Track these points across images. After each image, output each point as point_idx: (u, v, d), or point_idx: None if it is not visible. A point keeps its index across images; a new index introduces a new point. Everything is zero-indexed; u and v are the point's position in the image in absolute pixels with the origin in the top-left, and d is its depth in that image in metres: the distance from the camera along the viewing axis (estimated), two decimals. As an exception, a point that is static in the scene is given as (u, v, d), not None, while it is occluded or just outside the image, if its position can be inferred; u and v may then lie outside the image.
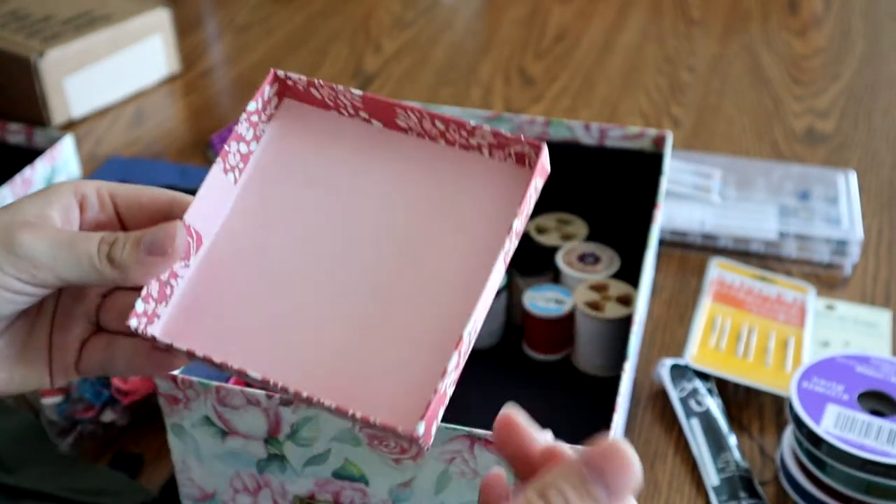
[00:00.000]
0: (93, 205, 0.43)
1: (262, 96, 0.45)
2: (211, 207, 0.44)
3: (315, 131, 0.45)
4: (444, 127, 0.43)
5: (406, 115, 0.43)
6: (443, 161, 0.43)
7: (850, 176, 1.05)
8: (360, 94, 0.44)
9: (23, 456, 0.73)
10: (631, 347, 0.64)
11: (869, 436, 0.65)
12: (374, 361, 0.39)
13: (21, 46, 1.16)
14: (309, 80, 0.45)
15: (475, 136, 0.42)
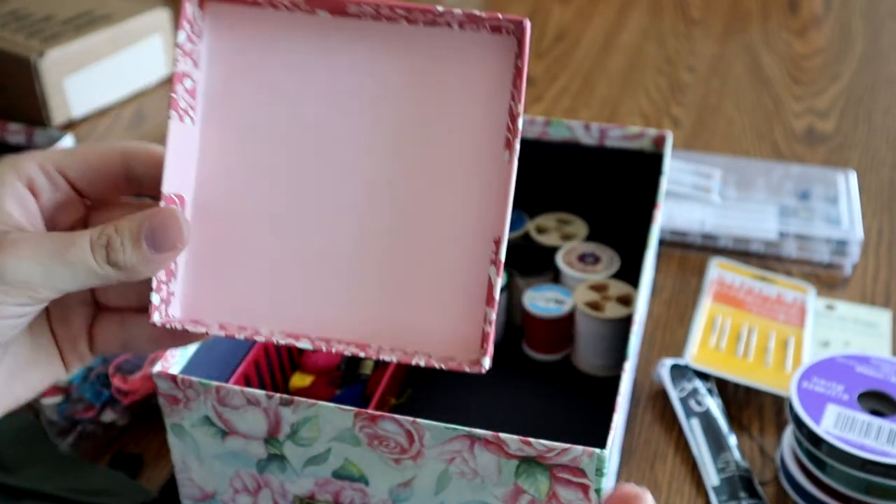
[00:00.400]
0: (43, 185, 0.39)
1: (185, 19, 0.39)
2: (181, 163, 0.39)
3: (255, 35, 0.39)
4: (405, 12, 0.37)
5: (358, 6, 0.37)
6: (409, 43, 0.37)
7: (850, 176, 1.05)
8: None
9: (23, 456, 0.73)
10: (631, 347, 0.64)
11: (869, 436, 0.65)
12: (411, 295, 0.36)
13: (21, 46, 1.16)
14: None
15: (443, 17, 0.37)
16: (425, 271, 0.36)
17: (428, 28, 0.37)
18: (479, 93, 0.36)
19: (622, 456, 0.74)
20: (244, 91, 0.39)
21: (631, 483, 0.37)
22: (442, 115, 0.37)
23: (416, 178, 0.37)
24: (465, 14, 0.36)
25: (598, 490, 0.55)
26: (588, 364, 0.81)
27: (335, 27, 0.38)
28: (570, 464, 0.54)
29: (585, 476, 0.55)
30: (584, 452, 0.54)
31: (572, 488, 0.56)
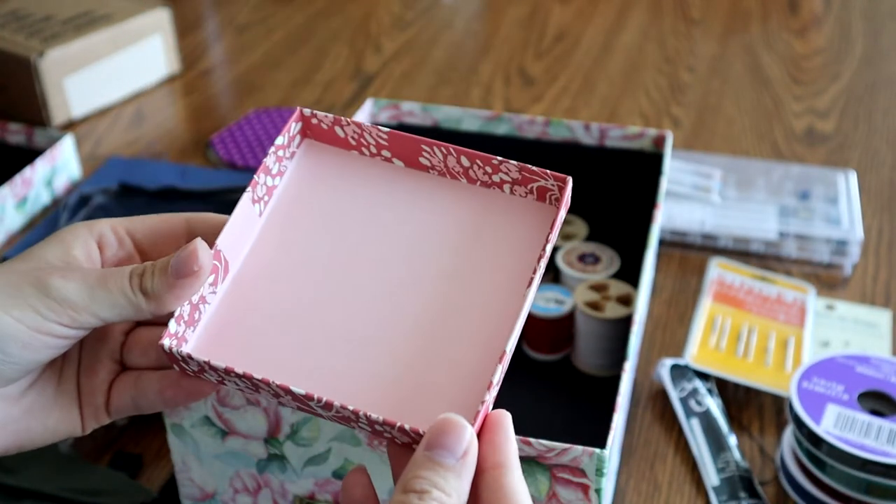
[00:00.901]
0: (111, 243, 0.44)
1: (287, 133, 0.46)
2: (238, 235, 0.44)
3: (334, 171, 0.45)
4: (468, 163, 0.43)
5: (430, 153, 0.44)
6: (464, 200, 0.44)
7: (850, 176, 1.05)
8: (386, 132, 0.44)
9: (23, 456, 0.73)
10: (631, 347, 0.64)
11: (869, 436, 0.65)
12: (417, 382, 0.40)
13: (21, 46, 1.16)
14: (335, 118, 0.45)
15: (499, 173, 0.43)
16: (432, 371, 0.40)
17: (483, 188, 0.44)
18: (517, 244, 0.42)
19: (622, 456, 0.74)
20: (310, 211, 0.45)
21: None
22: (481, 258, 0.42)
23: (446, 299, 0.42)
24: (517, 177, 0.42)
25: (598, 490, 0.55)
26: (588, 364, 0.81)
27: (406, 176, 0.44)
28: (570, 464, 0.54)
29: (585, 476, 0.55)
30: (584, 452, 0.54)
31: (572, 488, 0.56)
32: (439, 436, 0.36)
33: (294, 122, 0.46)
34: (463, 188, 0.44)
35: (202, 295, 0.42)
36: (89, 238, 0.43)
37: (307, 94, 1.28)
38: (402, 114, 0.90)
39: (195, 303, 0.42)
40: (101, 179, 1.07)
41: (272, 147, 0.45)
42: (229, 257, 0.44)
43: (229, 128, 1.18)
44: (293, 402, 0.39)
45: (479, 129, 0.89)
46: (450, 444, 0.36)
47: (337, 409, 0.38)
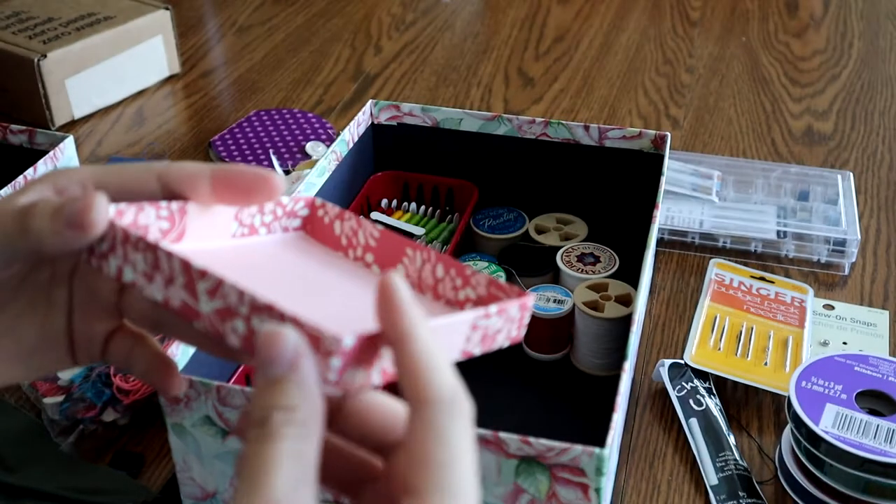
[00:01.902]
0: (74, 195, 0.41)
1: (293, 203, 0.47)
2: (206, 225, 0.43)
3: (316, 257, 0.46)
4: (442, 275, 0.43)
5: (412, 257, 0.44)
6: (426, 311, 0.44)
7: (848, 176, 1.05)
8: (380, 230, 0.45)
9: (24, 455, 0.73)
10: (630, 347, 0.64)
11: (867, 435, 0.66)
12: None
13: (23, 48, 1.16)
14: (340, 211, 0.46)
15: (467, 287, 0.43)
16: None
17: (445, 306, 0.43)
18: None
19: (621, 455, 0.75)
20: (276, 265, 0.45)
21: None
22: None
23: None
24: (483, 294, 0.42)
25: (597, 489, 0.56)
26: (587, 364, 0.81)
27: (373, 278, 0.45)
28: (570, 463, 0.55)
29: (585, 475, 0.55)
30: (583, 452, 0.54)
31: (572, 488, 0.56)
32: (261, 350, 0.33)
33: (304, 202, 0.47)
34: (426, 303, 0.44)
35: (148, 224, 0.41)
36: (45, 189, 0.40)
37: (308, 95, 1.28)
38: (403, 115, 0.91)
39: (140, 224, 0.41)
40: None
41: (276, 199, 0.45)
42: (188, 230, 0.43)
43: (230, 129, 1.18)
44: (181, 292, 0.38)
45: (479, 130, 0.89)
46: (273, 355, 0.33)
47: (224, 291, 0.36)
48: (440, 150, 0.92)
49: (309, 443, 0.33)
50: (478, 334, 0.39)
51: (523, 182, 0.91)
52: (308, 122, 1.20)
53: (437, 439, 0.33)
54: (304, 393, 0.33)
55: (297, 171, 1.05)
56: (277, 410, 0.32)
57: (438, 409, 0.33)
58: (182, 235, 0.43)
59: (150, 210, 0.41)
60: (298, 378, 0.33)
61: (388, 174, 0.94)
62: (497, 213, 0.92)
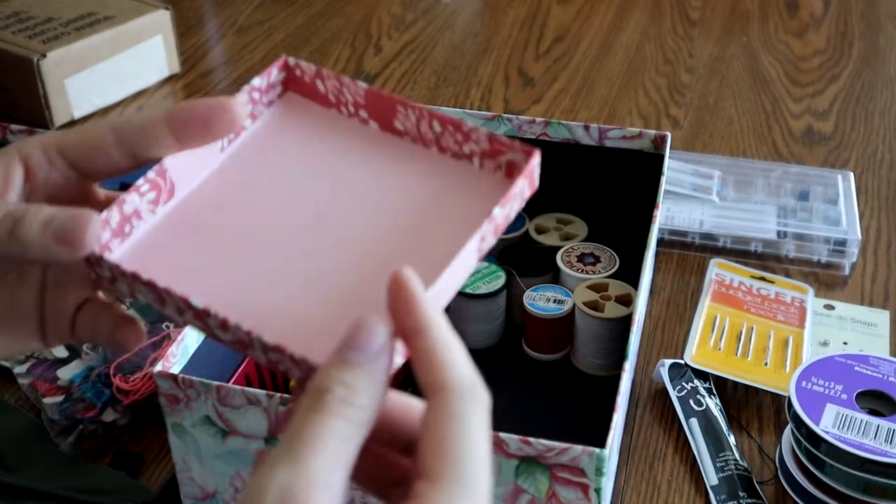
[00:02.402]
0: (40, 163, 0.40)
1: (267, 77, 0.45)
2: (191, 163, 0.42)
3: (310, 126, 0.45)
4: (440, 130, 0.43)
5: (405, 114, 0.43)
6: (431, 167, 0.43)
7: (848, 176, 1.05)
8: (363, 88, 0.44)
9: (24, 455, 0.73)
10: (630, 347, 0.64)
11: (867, 435, 0.66)
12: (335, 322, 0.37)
13: (23, 48, 1.16)
14: (317, 70, 0.45)
15: (469, 142, 0.42)
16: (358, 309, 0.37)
17: (452, 159, 0.43)
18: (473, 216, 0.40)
19: (622, 455, 0.75)
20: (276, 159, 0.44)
21: None
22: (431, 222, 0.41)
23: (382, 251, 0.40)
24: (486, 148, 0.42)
25: (597, 489, 0.56)
26: (588, 364, 0.81)
27: (377, 140, 0.44)
28: (570, 463, 0.55)
29: (585, 475, 0.55)
30: (583, 452, 0.54)
31: (572, 488, 0.56)
32: (351, 334, 0.33)
33: (276, 68, 0.45)
34: (432, 157, 0.43)
35: (136, 209, 0.41)
36: (14, 160, 0.40)
37: (307, 94, 1.28)
38: (403, 114, 0.90)
39: (126, 213, 0.41)
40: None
41: (246, 86, 0.44)
42: (177, 180, 0.42)
43: (230, 128, 1.18)
44: (195, 321, 0.38)
45: (479, 130, 0.89)
46: (361, 342, 0.33)
47: (233, 330, 0.36)
48: (440, 150, 0.91)
49: (357, 431, 0.32)
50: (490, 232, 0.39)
51: (523, 182, 0.91)
52: (308, 121, 1.20)
53: (454, 425, 0.33)
54: (372, 385, 0.33)
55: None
56: (341, 386, 0.32)
57: (458, 395, 0.33)
58: (172, 190, 0.42)
59: (131, 195, 0.41)
60: (373, 369, 0.33)
61: (388, 174, 0.94)
62: (497, 213, 0.92)
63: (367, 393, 0.33)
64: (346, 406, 0.32)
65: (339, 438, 0.32)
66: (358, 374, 0.33)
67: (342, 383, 0.32)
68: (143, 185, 0.41)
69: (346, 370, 0.33)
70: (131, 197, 0.41)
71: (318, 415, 0.32)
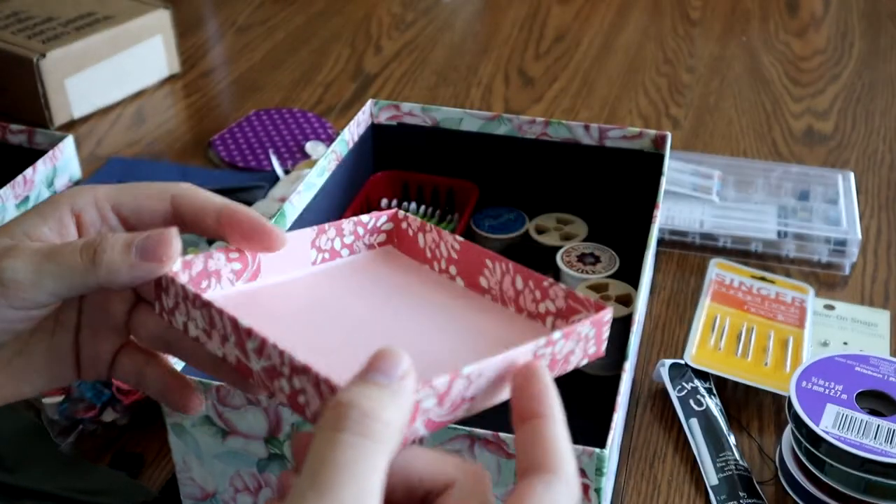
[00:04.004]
0: (92, 218, 0.42)
1: (375, 220, 0.48)
2: (283, 261, 0.44)
3: (400, 274, 0.47)
4: (521, 287, 0.44)
5: (492, 268, 0.45)
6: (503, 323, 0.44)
7: (848, 176, 1.05)
8: (460, 242, 0.46)
9: (23, 455, 0.73)
10: (630, 347, 0.64)
11: (868, 435, 0.66)
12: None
13: (23, 47, 1.16)
14: (421, 224, 0.47)
15: (546, 300, 0.43)
16: None
17: (528, 320, 0.44)
18: None
19: (622, 455, 0.75)
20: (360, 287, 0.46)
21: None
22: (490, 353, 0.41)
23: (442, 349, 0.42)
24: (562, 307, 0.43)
25: (597, 489, 0.55)
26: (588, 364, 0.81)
27: (461, 295, 0.46)
28: (570, 463, 0.55)
29: (585, 476, 0.55)
30: (583, 452, 0.54)
31: (572, 487, 0.56)
32: (373, 361, 0.33)
33: (386, 216, 0.48)
34: (508, 315, 0.44)
35: (218, 269, 0.42)
36: (66, 211, 0.41)
37: (307, 94, 1.28)
38: (403, 114, 0.90)
39: (210, 270, 0.42)
40: (102, 180, 1.08)
41: (356, 217, 0.47)
42: (264, 269, 0.44)
43: (230, 128, 1.18)
44: (236, 349, 0.38)
45: (479, 130, 0.89)
46: (384, 366, 0.32)
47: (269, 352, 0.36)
48: (440, 150, 0.92)
49: (384, 452, 0.31)
50: (546, 356, 0.39)
51: (523, 182, 0.91)
52: (308, 121, 1.20)
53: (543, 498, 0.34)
54: (396, 404, 0.32)
55: (296, 170, 1.05)
56: (366, 399, 0.31)
57: (561, 481, 0.35)
58: (257, 273, 0.44)
59: (220, 255, 0.42)
60: (398, 389, 0.32)
61: (388, 174, 0.94)
62: (497, 213, 0.92)
63: (392, 411, 0.32)
64: (371, 421, 0.31)
65: (366, 462, 0.30)
66: (383, 392, 0.32)
67: (366, 396, 0.31)
68: (233, 252, 0.42)
69: (369, 387, 0.32)
70: (219, 255, 0.42)
71: (342, 434, 0.30)
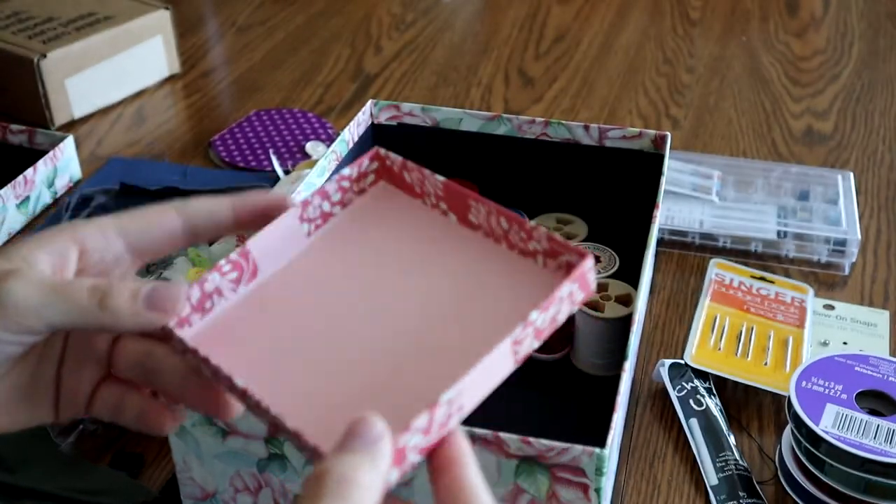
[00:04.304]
0: (97, 246, 0.42)
1: (358, 167, 0.47)
2: (275, 245, 0.45)
3: (395, 216, 0.47)
4: (507, 227, 0.44)
5: (477, 209, 0.45)
6: (499, 263, 0.45)
7: (848, 176, 1.05)
8: (441, 181, 0.46)
9: (24, 455, 0.73)
10: (630, 347, 0.64)
11: (867, 435, 0.66)
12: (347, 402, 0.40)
13: (23, 47, 1.16)
14: (402, 162, 0.47)
15: (532, 240, 0.44)
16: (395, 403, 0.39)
17: (519, 256, 0.44)
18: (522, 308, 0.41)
19: (622, 455, 0.75)
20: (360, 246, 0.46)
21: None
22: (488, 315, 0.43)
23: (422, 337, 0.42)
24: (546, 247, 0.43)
25: (597, 489, 0.56)
26: (587, 364, 0.81)
27: (454, 233, 0.46)
28: (570, 463, 0.55)
29: (585, 475, 0.55)
30: (583, 452, 0.54)
31: (572, 488, 0.56)
32: (351, 428, 0.35)
33: (368, 158, 0.48)
34: (502, 253, 0.45)
35: (218, 287, 0.43)
36: (69, 242, 0.42)
37: (308, 94, 1.28)
38: (403, 115, 0.91)
39: (209, 291, 0.43)
40: (102, 180, 1.08)
41: (337, 175, 0.47)
42: (260, 262, 0.44)
43: (230, 128, 1.18)
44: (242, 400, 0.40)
45: (479, 130, 0.89)
46: (359, 431, 0.34)
47: (263, 411, 0.38)
48: (440, 150, 0.92)
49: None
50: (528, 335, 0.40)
51: (523, 182, 0.91)
52: (308, 121, 1.20)
53: None
54: (373, 467, 0.34)
55: (297, 171, 1.05)
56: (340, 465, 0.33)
57: None
58: (255, 271, 0.44)
59: (212, 275, 0.43)
60: (373, 452, 0.34)
61: (388, 174, 0.94)
62: (497, 212, 0.92)
63: (368, 475, 0.34)
64: (349, 485, 0.33)
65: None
66: (359, 457, 0.34)
67: (341, 462, 0.33)
68: (224, 265, 0.43)
69: (345, 454, 0.34)
70: (212, 276, 0.43)
71: (322, 501, 0.32)
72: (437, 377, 0.39)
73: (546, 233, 0.43)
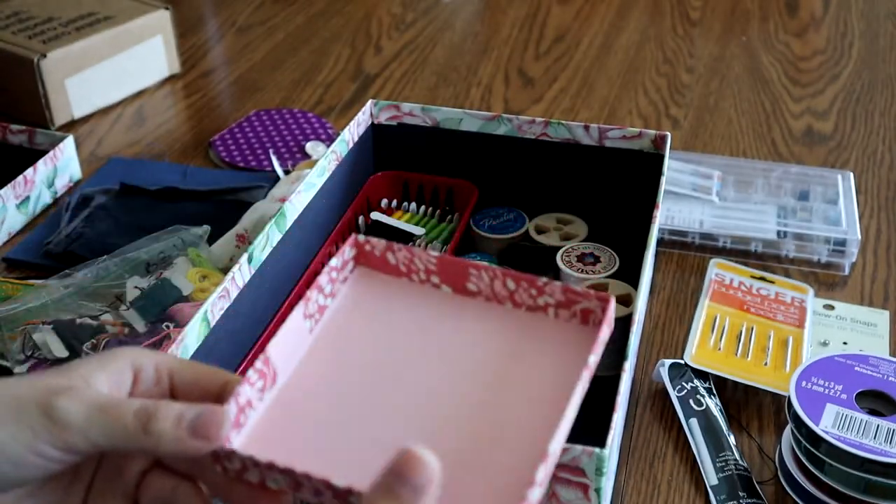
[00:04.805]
0: (148, 378, 0.43)
1: (342, 256, 0.48)
2: (288, 347, 0.45)
3: (385, 296, 0.47)
4: (514, 287, 0.45)
5: (478, 276, 0.45)
6: (509, 323, 0.45)
7: (848, 176, 1.05)
8: (435, 257, 0.46)
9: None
10: (630, 347, 0.64)
11: (867, 435, 0.66)
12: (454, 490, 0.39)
13: (23, 47, 1.16)
14: (387, 245, 0.47)
15: (543, 295, 0.44)
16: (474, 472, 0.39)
17: (528, 313, 0.45)
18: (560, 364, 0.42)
19: (621, 455, 0.75)
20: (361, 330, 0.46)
21: None
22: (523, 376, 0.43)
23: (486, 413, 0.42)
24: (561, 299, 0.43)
25: (597, 489, 0.56)
26: (588, 364, 0.81)
27: (453, 301, 0.46)
28: (570, 463, 0.55)
29: (585, 475, 0.55)
30: (583, 452, 0.54)
31: (572, 488, 0.56)
32: (396, 465, 0.34)
33: (349, 247, 0.48)
34: (508, 312, 0.45)
35: (249, 399, 0.43)
36: (127, 367, 0.43)
37: (308, 94, 1.28)
38: (403, 115, 0.91)
39: (241, 405, 0.42)
40: (102, 180, 1.08)
41: (327, 267, 0.47)
42: (278, 367, 0.45)
43: (230, 128, 1.18)
44: (333, 500, 0.39)
45: (479, 130, 0.89)
46: (406, 473, 0.34)
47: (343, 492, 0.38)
48: (440, 150, 0.92)
49: None
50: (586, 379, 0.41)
51: (523, 182, 0.91)
52: (308, 121, 1.20)
53: None
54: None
55: (297, 171, 1.05)
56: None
57: None
58: (275, 376, 0.45)
59: (244, 387, 0.43)
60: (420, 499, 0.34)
61: (388, 174, 0.94)
62: (497, 213, 0.92)
63: None
64: None
65: None
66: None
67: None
68: (252, 375, 0.43)
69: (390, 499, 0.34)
70: (244, 389, 0.43)
71: None
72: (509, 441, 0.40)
73: (561, 286, 0.43)
